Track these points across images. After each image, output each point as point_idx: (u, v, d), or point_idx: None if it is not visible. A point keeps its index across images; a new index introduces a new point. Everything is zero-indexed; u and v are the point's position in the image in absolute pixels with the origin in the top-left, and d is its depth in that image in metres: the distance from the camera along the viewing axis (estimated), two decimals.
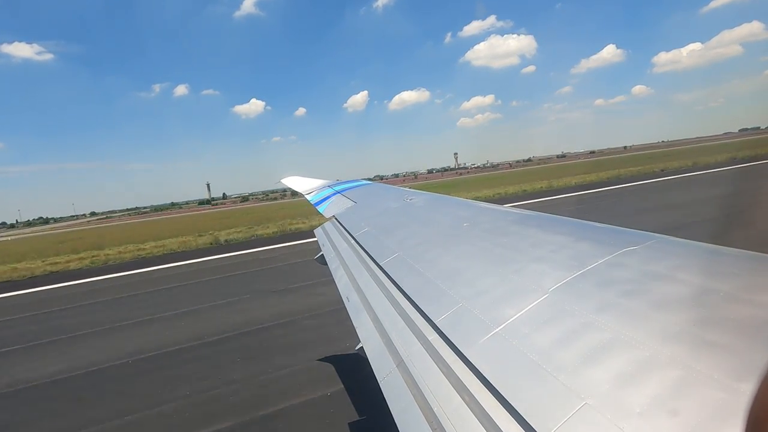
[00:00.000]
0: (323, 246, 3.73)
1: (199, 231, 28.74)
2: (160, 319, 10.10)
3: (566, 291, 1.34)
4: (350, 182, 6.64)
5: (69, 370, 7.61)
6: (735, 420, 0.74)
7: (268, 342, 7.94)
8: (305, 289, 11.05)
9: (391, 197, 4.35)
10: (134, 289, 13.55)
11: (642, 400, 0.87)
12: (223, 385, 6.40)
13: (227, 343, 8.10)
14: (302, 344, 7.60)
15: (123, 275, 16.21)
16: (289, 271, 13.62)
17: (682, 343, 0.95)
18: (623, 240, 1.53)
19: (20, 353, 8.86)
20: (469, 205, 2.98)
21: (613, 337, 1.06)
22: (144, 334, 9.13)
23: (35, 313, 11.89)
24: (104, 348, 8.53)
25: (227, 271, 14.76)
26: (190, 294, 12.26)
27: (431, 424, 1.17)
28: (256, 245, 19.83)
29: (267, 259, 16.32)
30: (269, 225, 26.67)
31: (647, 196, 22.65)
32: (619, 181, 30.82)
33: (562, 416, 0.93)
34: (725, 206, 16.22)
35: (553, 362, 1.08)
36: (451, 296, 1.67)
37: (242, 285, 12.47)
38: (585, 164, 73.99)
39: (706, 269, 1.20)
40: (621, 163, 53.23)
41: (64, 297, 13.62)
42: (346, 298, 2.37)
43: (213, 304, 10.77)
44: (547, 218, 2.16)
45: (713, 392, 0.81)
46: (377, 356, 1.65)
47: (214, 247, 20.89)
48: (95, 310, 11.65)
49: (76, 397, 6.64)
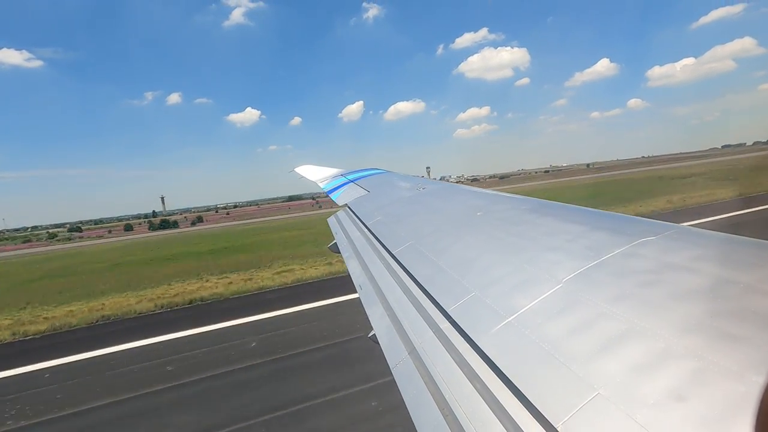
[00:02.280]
0: (336, 234, 3.76)
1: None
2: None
3: (580, 281, 1.32)
4: (363, 171, 6.63)
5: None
6: (751, 413, 0.73)
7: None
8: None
9: (404, 186, 4.34)
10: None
11: (656, 391, 0.86)
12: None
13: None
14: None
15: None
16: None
17: (699, 334, 0.94)
18: (640, 230, 1.50)
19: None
20: (482, 194, 2.95)
21: (628, 328, 1.05)
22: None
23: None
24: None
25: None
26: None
27: (443, 411, 1.18)
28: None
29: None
30: (101, 300, 17.10)
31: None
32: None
33: (574, 405, 0.93)
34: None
35: (566, 352, 1.08)
36: (463, 285, 1.67)
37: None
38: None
39: (725, 260, 1.17)
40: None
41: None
42: (359, 286, 2.39)
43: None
44: (561, 207, 2.12)
45: (730, 384, 0.80)
46: (389, 344, 1.67)
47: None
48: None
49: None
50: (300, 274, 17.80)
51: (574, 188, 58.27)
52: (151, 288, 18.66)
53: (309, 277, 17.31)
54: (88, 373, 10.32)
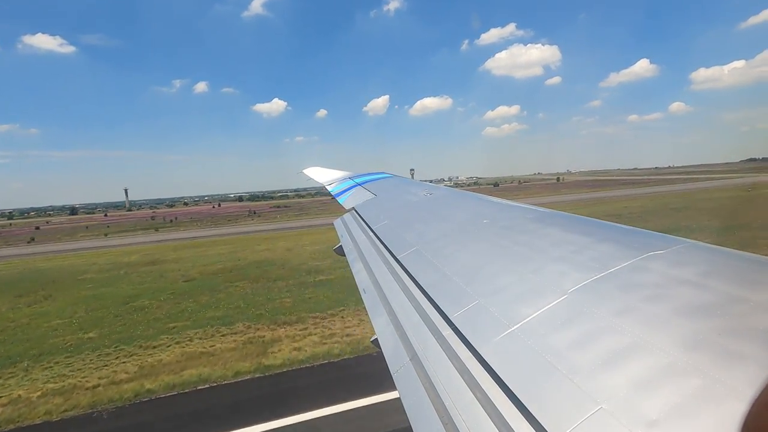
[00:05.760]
0: (342, 237, 3.77)
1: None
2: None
3: (586, 293, 1.31)
4: (371, 174, 6.65)
5: None
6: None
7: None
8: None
9: (410, 191, 4.34)
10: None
11: (659, 407, 0.85)
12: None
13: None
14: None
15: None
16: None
17: (705, 351, 0.92)
18: (649, 243, 1.48)
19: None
20: (488, 202, 2.94)
21: (632, 342, 1.04)
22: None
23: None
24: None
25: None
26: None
27: (442, 419, 1.17)
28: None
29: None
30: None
31: None
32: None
33: (576, 419, 0.92)
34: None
35: (569, 364, 1.07)
36: (467, 293, 1.66)
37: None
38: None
39: (734, 276, 1.16)
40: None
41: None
42: (363, 290, 2.39)
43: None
44: (568, 218, 2.11)
45: (734, 403, 0.78)
46: (391, 349, 1.66)
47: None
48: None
49: None
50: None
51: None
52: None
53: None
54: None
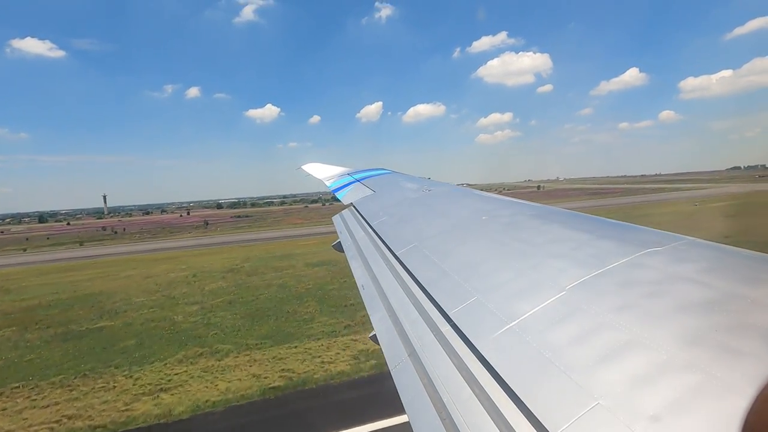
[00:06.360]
0: (341, 233, 3.76)
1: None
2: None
3: (584, 289, 1.31)
4: (370, 170, 6.63)
5: None
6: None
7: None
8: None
9: (409, 187, 4.33)
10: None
11: (657, 403, 0.85)
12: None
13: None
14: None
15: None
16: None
17: (702, 347, 0.93)
18: (647, 240, 1.48)
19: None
20: (487, 198, 2.94)
21: (630, 339, 1.04)
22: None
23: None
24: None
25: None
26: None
27: (440, 414, 1.18)
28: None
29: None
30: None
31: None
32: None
33: (573, 415, 0.92)
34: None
35: (567, 360, 1.07)
36: (466, 289, 1.66)
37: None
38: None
39: (732, 273, 1.16)
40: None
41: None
42: (362, 286, 2.39)
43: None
44: (567, 214, 2.11)
45: (731, 399, 0.79)
46: (390, 345, 1.67)
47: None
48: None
49: None
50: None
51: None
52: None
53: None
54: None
